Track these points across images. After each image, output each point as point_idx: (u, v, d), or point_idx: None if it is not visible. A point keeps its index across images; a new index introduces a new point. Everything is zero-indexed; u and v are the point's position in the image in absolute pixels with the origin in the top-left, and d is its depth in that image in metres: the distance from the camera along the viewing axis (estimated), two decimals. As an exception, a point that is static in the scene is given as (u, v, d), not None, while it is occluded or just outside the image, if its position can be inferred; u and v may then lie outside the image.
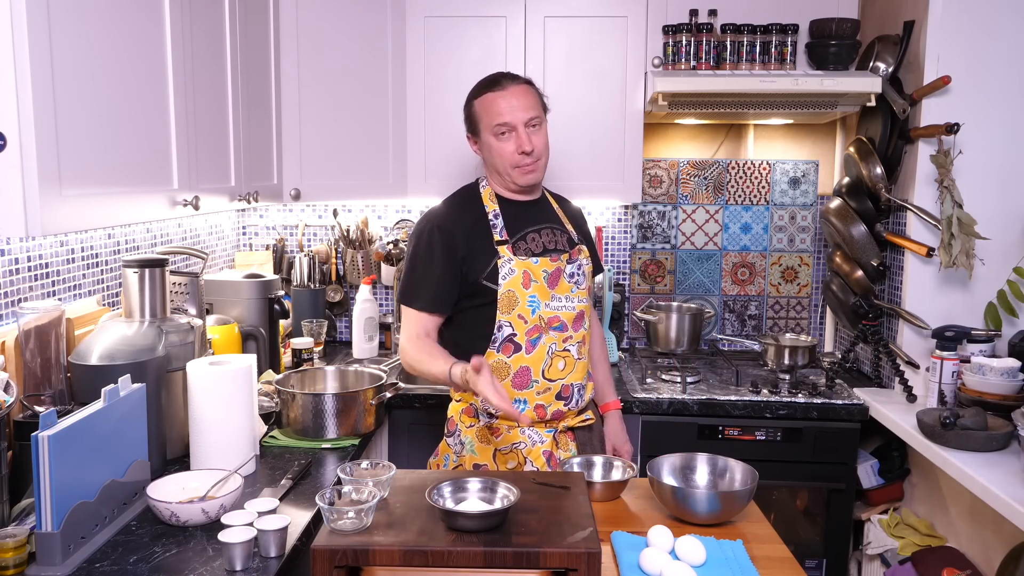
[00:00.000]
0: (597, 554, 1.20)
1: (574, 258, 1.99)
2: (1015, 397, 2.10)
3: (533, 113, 1.93)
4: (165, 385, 1.77)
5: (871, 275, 2.58)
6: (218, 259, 2.93)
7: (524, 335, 1.91)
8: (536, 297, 1.91)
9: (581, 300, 1.98)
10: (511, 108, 1.91)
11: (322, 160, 2.69)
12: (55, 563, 1.31)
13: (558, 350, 1.93)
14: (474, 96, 1.98)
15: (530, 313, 1.91)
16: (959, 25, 2.33)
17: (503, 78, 1.96)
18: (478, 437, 1.95)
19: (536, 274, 1.92)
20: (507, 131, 1.92)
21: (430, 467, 2.06)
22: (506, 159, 1.93)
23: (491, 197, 2.00)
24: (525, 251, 1.95)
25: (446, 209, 2.01)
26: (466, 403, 1.98)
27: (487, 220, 1.96)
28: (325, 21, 2.64)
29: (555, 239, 2.00)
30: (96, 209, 1.51)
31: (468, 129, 2.02)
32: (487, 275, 1.91)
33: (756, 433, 2.48)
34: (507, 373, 1.91)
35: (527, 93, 1.94)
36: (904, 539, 2.34)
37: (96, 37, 1.51)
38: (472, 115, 1.98)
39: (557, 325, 1.93)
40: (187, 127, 1.87)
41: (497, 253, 1.92)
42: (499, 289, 1.90)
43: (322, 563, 1.20)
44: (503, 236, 1.94)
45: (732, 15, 2.66)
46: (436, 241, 1.93)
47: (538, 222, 2.01)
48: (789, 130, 3.09)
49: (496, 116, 1.91)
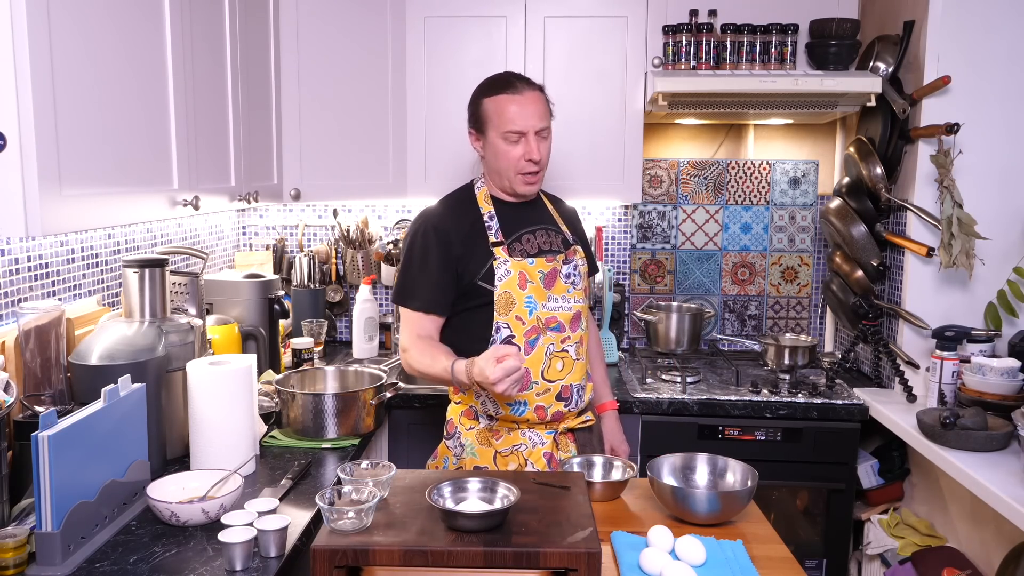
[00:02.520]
0: (597, 554, 1.20)
1: (570, 258, 1.99)
2: (1015, 397, 2.10)
3: (545, 123, 1.93)
4: (165, 385, 1.77)
5: (871, 275, 2.58)
6: (218, 259, 2.93)
7: (522, 336, 1.90)
8: (533, 298, 1.91)
9: (578, 300, 1.98)
10: (525, 115, 1.90)
11: (322, 160, 2.69)
12: (55, 563, 1.31)
13: (556, 351, 1.93)
14: (485, 94, 1.95)
15: (527, 314, 1.91)
16: (959, 25, 2.33)
17: (517, 80, 1.94)
18: (478, 439, 1.95)
19: (532, 275, 1.92)
20: (518, 137, 1.91)
21: (428, 468, 2.05)
22: (512, 164, 1.93)
23: (486, 198, 1.99)
24: (520, 252, 1.95)
25: (441, 210, 2.01)
26: (465, 405, 1.98)
27: (482, 221, 1.96)
28: (325, 21, 2.64)
29: (550, 240, 2.00)
30: (96, 209, 1.51)
31: (472, 125, 2.00)
32: (483, 276, 1.91)
33: (756, 433, 2.48)
34: None
35: (540, 100, 1.93)
36: (904, 539, 2.34)
37: (96, 37, 1.51)
38: (481, 113, 1.96)
39: (555, 326, 1.93)
40: (187, 127, 1.86)
41: (493, 255, 1.91)
42: (495, 291, 1.90)
43: (322, 563, 1.20)
44: (498, 237, 1.94)
45: (732, 15, 2.66)
46: (431, 241, 1.93)
47: (533, 223, 2.01)
48: (789, 130, 3.09)
49: (509, 121, 1.90)
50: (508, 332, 1.90)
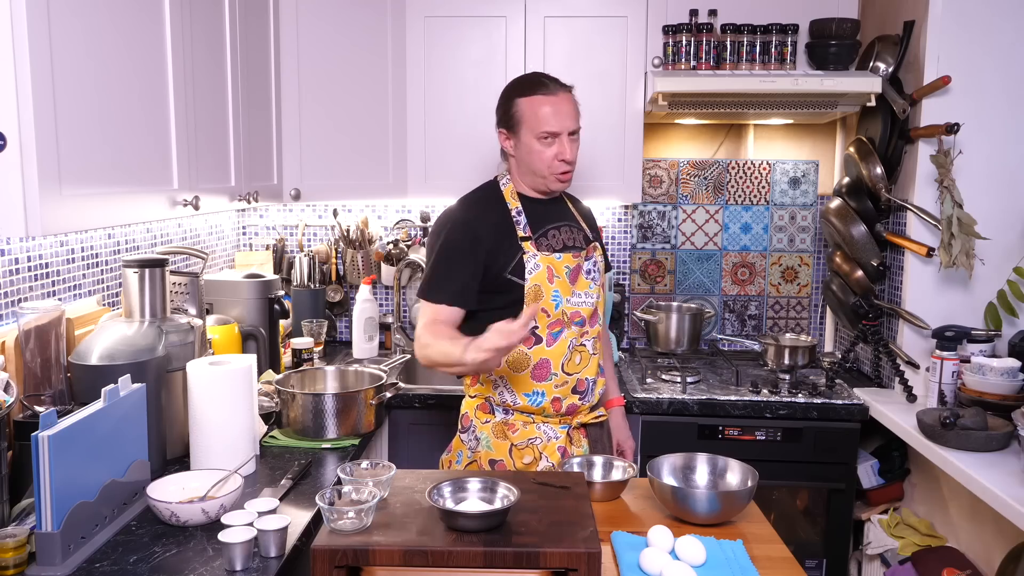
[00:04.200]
0: (597, 554, 1.20)
1: (590, 255, 2.02)
2: (1015, 397, 2.10)
3: (577, 124, 1.96)
4: (165, 385, 1.77)
5: (871, 275, 2.58)
6: (218, 259, 2.93)
7: (546, 328, 1.93)
8: (559, 292, 1.94)
9: (597, 296, 2.02)
10: (560, 116, 1.92)
11: (322, 160, 2.69)
12: (55, 563, 1.31)
13: (576, 344, 1.96)
14: (519, 94, 1.96)
15: (553, 307, 1.93)
16: (959, 25, 2.33)
17: (550, 81, 1.96)
18: (494, 432, 1.96)
19: (559, 269, 1.94)
20: (552, 139, 1.93)
21: (442, 464, 2.06)
22: (545, 164, 1.94)
23: (513, 195, 2.01)
24: (547, 247, 1.97)
25: (468, 205, 2.01)
26: (481, 399, 1.99)
27: (510, 217, 1.97)
28: (325, 21, 2.64)
29: (573, 236, 2.03)
30: (96, 209, 1.51)
31: (503, 124, 2.00)
32: (512, 270, 1.92)
33: (756, 433, 2.48)
34: (527, 365, 1.92)
35: (572, 101, 1.96)
36: (904, 539, 2.34)
37: (96, 37, 1.51)
38: (513, 112, 1.96)
39: (578, 320, 1.96)
40: (187, 127, 1.87)
41: (522, 248, 1.93)
42: (526, 284, 1.92)
43: (322, 563, 1.20)
44: (527, 232, 1.96)
45: (732, 15, 2.66)
46: (460, 235, 1.93)
47: (558, 219, 2.03)
48: (789, 130, 3.09)
49: (544, 122, 1.91)
50: (532, 323, 1.90)
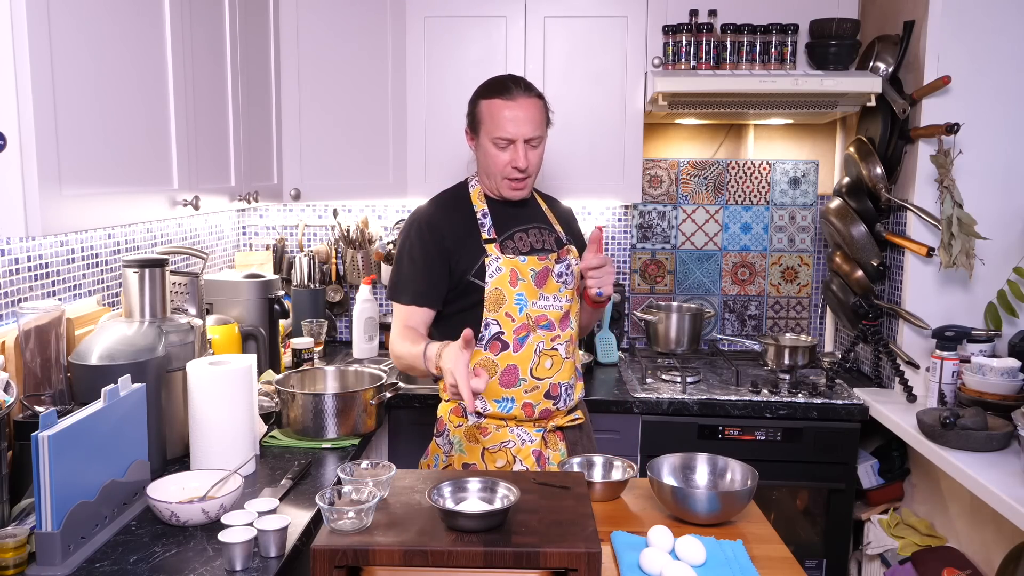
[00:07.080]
0: (597, 554, 1.20)
1: (563, 258, 1.99)
2: (1015, 397, 2.10)
3: (536, 132, 1.92)
4: (165, 385, 1.77)
5: (871, 275, 2.58)
6: (218, 259, 2.93)
7: (511, 333, 1.91)
8: (523, 296, 1.92)
9: (568, 300, 1.99)
10: (516, 122, 1.89)
11: (322, 160, 2.69)
12: (55, 563, 1.31)
13: (546, 349, 1.94)
14: (481, 96, 1.96)
15: (517, 311, 1.91)
16: (959, 25, 2.33)
17: (514, 85, 1.92)
18: (466, 436, 1.95)
19: (524, 272, 1.92)
20: (506, 144, 1.91)
21: (421, 467, 2.06)
22: (499, 169, 1.94)
23: (480, 196, 2.01)
24: (512, 250, 1.96)
25: (434, 207, 2.02)
26: (455, 403, 1.98)
27: (475, 219, 1.97)
28: (325, 21, 2.64)
29: (543, 239, 2.01)
30: (96, 209, 1.51)
31: (468, 124, 2.01)
32: (475, 272, 1.92)
33: (756, 433, 2.48)
34: (494, 371, 1.91)
35: (535, 107, 1.92)
36: (904, 539, 2.34)
37: (96, 37, 1.51)
38: (476, 115, 1.97)
39: (545, 324, 1.94)
40: (187, 127, 1.86)
41: (484, 251, 1.92)
42: (486, 287, 1.91)
43: (322, 563, 1.20)
44: (491, 235, 1.95)
45: (732, 15, 2.66)
46: (424, 237, 1.94)
47: (526, 222, 2.02)
48: (789, 130, 3.09)
49: (499, 127, 1.90)
50: (497, 328, 1.90)
